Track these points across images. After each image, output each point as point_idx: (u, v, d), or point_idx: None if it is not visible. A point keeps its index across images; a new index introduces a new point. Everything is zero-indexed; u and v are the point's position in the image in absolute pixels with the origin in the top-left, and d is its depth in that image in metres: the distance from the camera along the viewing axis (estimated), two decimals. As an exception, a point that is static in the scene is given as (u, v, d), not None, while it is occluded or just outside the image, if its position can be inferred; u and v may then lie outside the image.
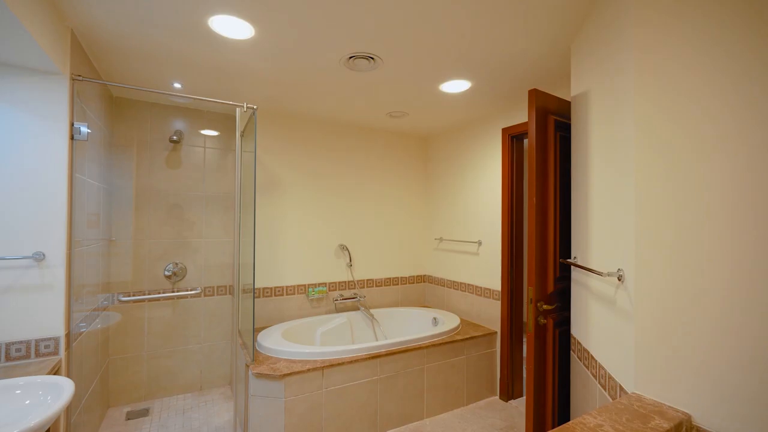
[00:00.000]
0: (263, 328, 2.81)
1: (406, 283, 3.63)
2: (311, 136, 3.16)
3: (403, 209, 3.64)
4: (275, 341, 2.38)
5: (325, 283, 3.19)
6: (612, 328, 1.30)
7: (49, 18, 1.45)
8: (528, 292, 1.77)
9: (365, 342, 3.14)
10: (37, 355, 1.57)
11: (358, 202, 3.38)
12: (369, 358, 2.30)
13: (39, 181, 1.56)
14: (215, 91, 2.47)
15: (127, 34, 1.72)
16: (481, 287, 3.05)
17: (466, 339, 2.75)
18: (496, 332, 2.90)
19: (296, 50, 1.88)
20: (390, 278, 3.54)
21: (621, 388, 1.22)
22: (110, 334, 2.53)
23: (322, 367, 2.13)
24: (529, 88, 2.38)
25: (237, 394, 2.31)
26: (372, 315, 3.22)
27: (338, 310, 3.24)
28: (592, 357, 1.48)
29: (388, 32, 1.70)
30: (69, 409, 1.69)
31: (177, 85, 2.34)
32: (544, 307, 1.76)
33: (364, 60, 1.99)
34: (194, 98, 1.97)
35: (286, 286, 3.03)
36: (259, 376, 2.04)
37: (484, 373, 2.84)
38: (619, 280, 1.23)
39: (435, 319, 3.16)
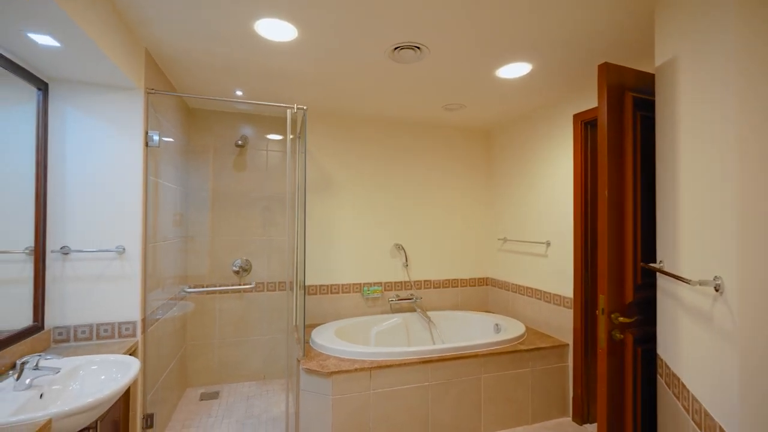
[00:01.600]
0: (318, 324, 2.88)
1: (466, 286, 3.44)
2: (364, 134, 3.16)
3: (464, 207, 3.45)
4: (327, 338, 2.41)
5: (381, 283, 3.17)
6: (708, 351, 1.03)
7: (125, 41, 1.64)
8: (599, 301, 1.51)
9: (422, 344, 3.04)
10: (119, 336, 1.79)
11: (414, 200, 3.29)
12: (420, 362, 2.20)
13: (120, 183, 1.78)
14: (270, 96, 2.59)
15: (191, 48, 1.88)
16: (549, 293, 2.74)
17: (532, 350, 2.48)
18: (567, 344, 2.58)
19: (339, 46, 1.87)
20: (448, 280, 3.38)
21: (721, 430, 0.95)
22: (187, 321, 2.81)
23: (370, 368, 2.09)
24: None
25: (290, 388, 2.39)
26: (428, 317, 3.11)
27: (394, 311, 3.18)
28: (684, 386, 1.19)
29: (433, 16, 1.59)
30: (144, 385, 1.89)
31: (239, 93, 2.51)
32: (620, 319, 1.49)
33: (410, 50, 1.90)
34: (247, 102, 2.09)
35: (342, 285, 3.07)
36: (309, 371, 2.08)
37: (553, 390, 2.54)
38: (717, 290, 0.96)
39: (497, 325, 2.93)
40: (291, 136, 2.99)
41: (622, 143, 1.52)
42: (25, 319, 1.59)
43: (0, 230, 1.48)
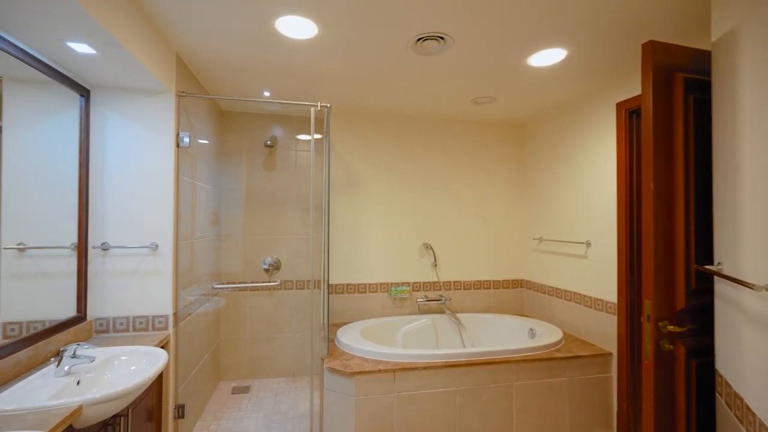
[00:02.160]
0: (345, 323, 2.87)
1: (498, 288, 3.28)
2: (391, 131, 3.12)
3: (496, 205, 3.30)
4: (352, 338, 2.39)
5: (409, 283, 3.10)
6: (778, 369, 0.87)
7: (157, 47, 1.72)
8: (644, 307, 1.36)
9: (451, 347, 2.94)
10: (153, 328, 1.88)
11: (443, 198, 3.20)
12: (446, 366, 2.11)
13: (152, 182, 1.87)
14: (296, 96, 2.62)
15: (218, 50, 1.93)
16: (590, 297, 2.54)
17: (570, 357, 2.31)
18: (611, 354, 2.37)
19: (359, 40, 1.84)
20: (480, 281, 3.24)
21: (795, 465, 0.80)
22: (220, 317, 2.92)
23: (394, 370, 2.04)
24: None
25: (315, 386, 2.39)
26: (458, 319, 3.00)
27: (422, 312, 3.11)
28: (748, 408, 1.03)
29: (457, 3, 1.51)
30: (176, 377, 1.97)
31: (266, 93, 2.56)
32: (670, 328, 1.32)
33: (433, 41, 1.83)
34: (271, 102, 2.12)
35: (369, 284, 3.04)
36: (332, 371, 2.06)
37: (594, 403, 2.34)
38: (789, 298, 0.81)
39: (532, 330, 2.76)
40: (319, 136, 3.02)
41: (671, 130, 1.35)
42: (70, 310, 1.71)
43: (50, 227, 1.60)
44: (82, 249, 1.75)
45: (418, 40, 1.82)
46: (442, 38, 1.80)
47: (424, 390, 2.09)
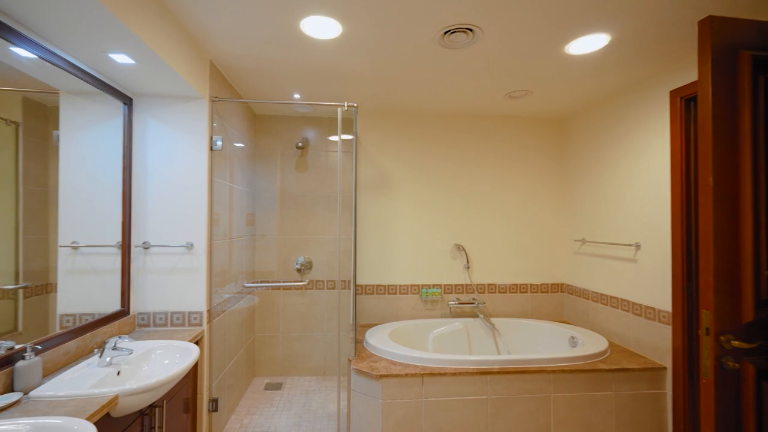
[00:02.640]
0: (374, 324, 2.84)
1: (537, 292, 3.10)
2: (421, 130, 3.05)
3: (533, 205, 3.13)
4: (380, 340, 2.35)
5: (440, 285, 3.02)
6: None
7: (191, 55, 1.79)
8: (701, 318, 1.20)
9: (484, 353, 2.82)
10: (189, 324, 1.96)
11: (476, 197, 3.08)
12: (477, 372, 2.01)
13: (188, 184, 1.95)
14: (326, 98, 2.63)
15: (248, 55, 1.98)
16: (640, 305, 2.32)
17: (616, 370, 2.12)
18: (664, 368, 2.15)
19: (383, 37, 1.80)
20: (516, 284, 3.09)
21: None
22: (255, 314, 3.01)
23: (422, 374, 1.98)
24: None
25: (343, 386, 2.38)
26: (492, 324, 2.87)
27: (454, 315, 3.01)
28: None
29: (481, -10, 1.43)
30: (210, 371, 2.05)
31: (297, 96, 2.60)
32: (735, 343, 1.16)
33: (461, 34, 1.75)
34: (299, 103, 2.14)
35: (399, 285, 3.00)
36: (359, 372, 2.04)
37: (645, 421, 2.13)
38: None
39: (573, 338, 2.58)
40: (349, 136, 3.03)
41: (737, 116, 1.18)
42: (115, 305, 1.82)
43: (99, 227, 1.72)
44: (125, 247, 1.87)
45: (446, 33, 1.76)
46: (470, 30, 1.72)
47: (453, 397, 2.00)
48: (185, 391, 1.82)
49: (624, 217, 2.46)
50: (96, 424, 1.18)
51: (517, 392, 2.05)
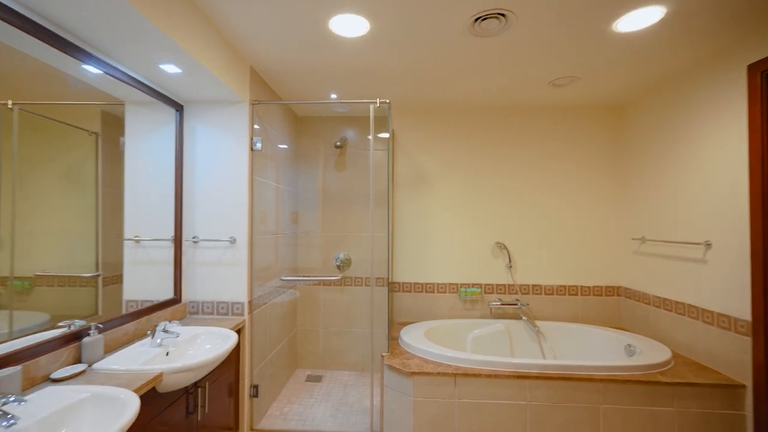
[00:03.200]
0: (410, 323, 2.82)
1: (588, 295, 2.87)
2: (459, 125, 2.97)
3: (584, 200, 2.89)
4: (414, 338, 2.33)
5: (480, 285, 2.91)
6: None
7: (232, 62, 1.93)
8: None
9: (528, 358, 2.67)
10: (232, 314, 2.10)
11: (519, 193, 2.93)
12: (514, 376, 1.91)
13: (231, 183, 2.10)
14: (359, 97, 2.67)
15: (284, 58, 2.08)
16: (711, 312, 2.04)
17: (680, 384, 1.88)
18: (743, 386, 1.86)
19: (411, 30, 1.78)
20: (564, 286, 2.88)
21: None
22: (297, 308, 3.13)
23: (455, 374, 1.92)
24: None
25: (377, 383, 2.39)
26: (537, 327, 2.70)
27: (495, 316, 2.88)
28: None
29: (508, -29, 1.36)
30: (252, 359, 2.17)
31: (333, 96, 2.67)
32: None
33: (493, 20, 1.68)
34: (332, 103, 2.20)
35: (437, 284, 2.94)
36: (391, 368, 2.03)
37: (716, 444, 1.87)
38: None
39: (630, 346, 2.34)
40: (386, 134, 3.04)
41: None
42: (169, 293, 2.01)
43: (156, 222, 1.91)
44: (177, 241, 2.06)
45: (476, 20, 1.69)
46: (502, 15, 1.65)
47: (488, 400, 1.92)
48: (228, 375, 1.96)
49: (691, 212, 2.18)
50: (145, 396, 1.31)
51: (560, 400, 1.91)
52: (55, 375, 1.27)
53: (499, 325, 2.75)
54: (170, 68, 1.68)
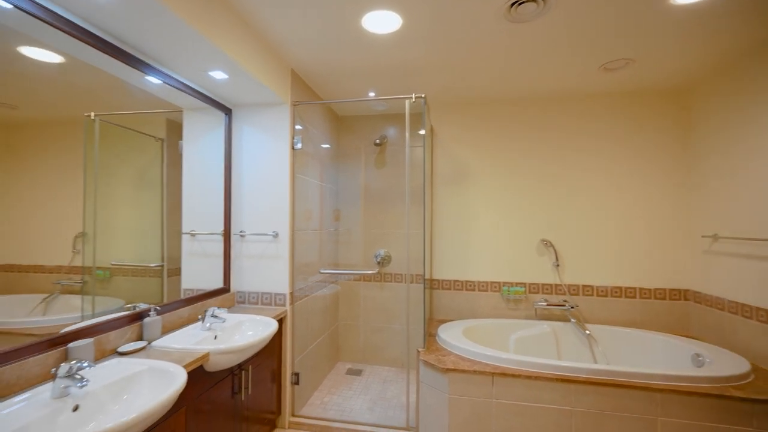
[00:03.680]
0: (449, 320, 2.77)
1: (649, 298, 2.61)
2: (501, 118, 2.86)
3: (642, 194, 2.64)
4: (452, 335, 2.28)
5: (524, 284, 2.78)
6: None
7: (274, 66, 2.05)
8: None
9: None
10: (275, 304, 2.22)
11: (567, 187, 2.75)
12: (557, 379, 1.80)
13: (274, 180, 2.22)
14: (396, 93, 2.67)
15: (322, 59, 2.16)
16: (801, 319, 1.76)
17: (759, 401, 1.65)
18: None
19: (443, 22, 1.76)
20: (620, 288, 2.65)
21: None
22: (339, 302, 3.22)
23: (492, 373, 1.85)
24: None
25: (414, 379, 2.37)
26: (587, 330, 2.51)
27: (540, 317, 2.73)
28: None
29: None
30: (293, 348, 2.27)
31: (371, 94, 2.71)
32: None
33: (530, 3, 1.61)
34: (367, 100, 2.24)
35: (478, 282, 2.86)
36: (426, 364, 2.02)
37: (809, 473, 1.61)
38: None
39: (698, 356, 2.09)
40: (423, 131, 3.02)
41: None
42: (220, 283, 2.18)
43: (208, 218, 2.09)
44: (226, 235, 2.22)
45: (512, 5, 1.63)
46: (539, -4, 1.57)
47: (529, 402, 1.83)
48: (271, 362, 2.07)
49: (774, 204, 1.90)
50: (194, 373, 1.44)
51: (610, 408, 1.76)
52: (121, 349, 1.44)
53: (545, 327, 2.60)
54: (218, 75, 1.82)
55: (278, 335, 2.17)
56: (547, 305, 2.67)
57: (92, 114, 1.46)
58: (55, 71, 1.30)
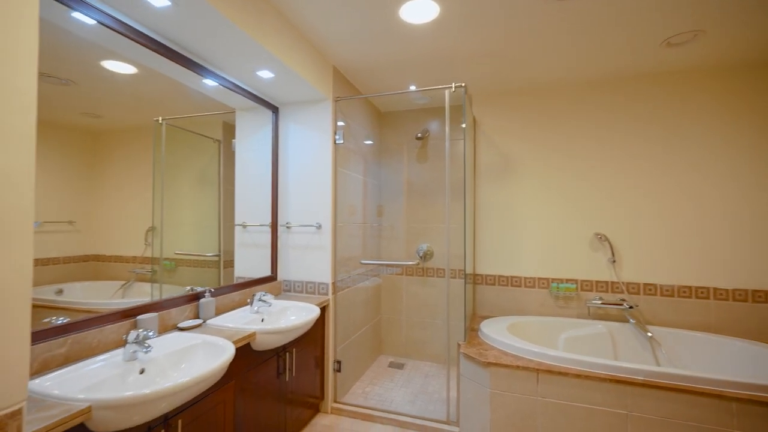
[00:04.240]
0: (493, 316, 2.67)
1: (726, 299, 2.32)
2: (545, 105, 2.71)
3: (712, 182, 2.36)
4: (495, 330, 2.21)
5: (575, 280, 2.60)
6: None
7: (318, 65, 2.13)
8: None
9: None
10: (318, 293, 2.30)
11: (624, 178, 2.53)
12: (609, 380, 1.67)
13: (317, 174, 2.31)
14: (435, 85, 2.65)
15: (362, 53, 2.20)
16: None
17: None
18: None
19: (484, 4, 1.71)
20: (690, 287, 2.38)
21: None
22: (381, 296, 3.25)
23: (537, 370, 1.76)
24: None
25: (452, 374, 2.33)
26: (649, 333, 2.29)
27: (594, 317, 2.54)
28: None
29: None
30: (335, 337, 2.34)
31: (412, 87, 2.72)
32: None
33: (576, -24, 1.51)
34: (403, 93, 2.24)
35: (525, 278, 2.73)
36: (467, 357, 1.97)
37: None
38: None
39: (787, 366, 1.82)
40: (464, 123, 2.96)
41: None
42: (267, 271, 2.31)
43: (257, 211, 2.23)
44: (274, 227, 2.35)
45: (555, -19, 1.55)
46: (586, -31, 1.47)
47: (578, 403, 1.71)
48: (314, 349, 2.15)
49: None
50: (243, 350, 1.55)
51: (674, 416, 1.59)
52: (180, 325, 1.59)
53: (600, 327, 2.42)
54: (265, 74, 1.94)
55: (321, 323, 2.25)
56: (602, 304, 2.48)
57: (159, 118, 1.63)
58: (130, 81, 1.47)
